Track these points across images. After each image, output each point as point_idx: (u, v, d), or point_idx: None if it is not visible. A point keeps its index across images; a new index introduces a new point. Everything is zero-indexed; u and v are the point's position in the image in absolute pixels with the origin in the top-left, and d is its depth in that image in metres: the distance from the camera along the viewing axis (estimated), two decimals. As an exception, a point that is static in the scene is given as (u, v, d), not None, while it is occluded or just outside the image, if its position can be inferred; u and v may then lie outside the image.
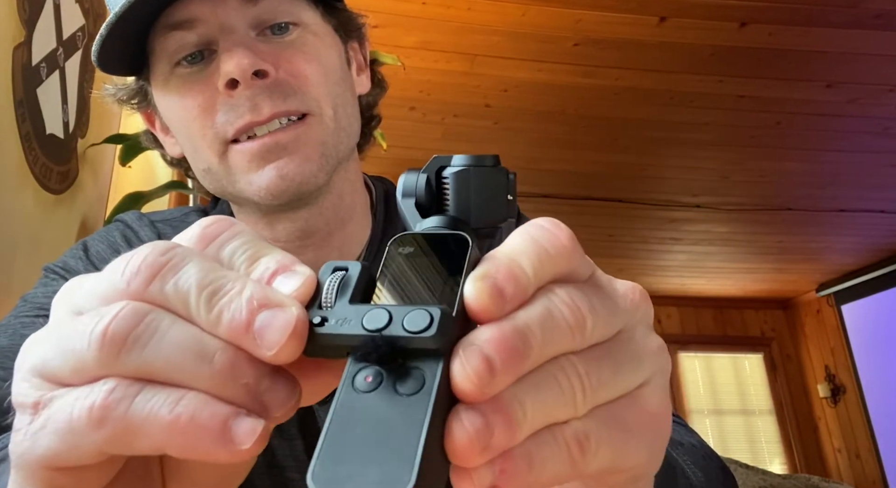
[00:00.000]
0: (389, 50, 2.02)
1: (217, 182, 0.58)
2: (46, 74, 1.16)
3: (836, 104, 2.57)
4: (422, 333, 0.20)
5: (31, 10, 1.09)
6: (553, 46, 2.26)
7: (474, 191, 0.28)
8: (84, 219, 1.36)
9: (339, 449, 0.18)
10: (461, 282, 0.22)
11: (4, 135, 1.02)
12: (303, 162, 0.55)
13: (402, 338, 0.20)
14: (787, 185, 3.26)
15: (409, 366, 0.20)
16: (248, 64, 0.52)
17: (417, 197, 0.29)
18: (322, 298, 0.22)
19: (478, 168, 0.28)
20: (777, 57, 2.30)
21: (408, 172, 0.30)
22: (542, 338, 0.20)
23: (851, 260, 4.38)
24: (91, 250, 0.62)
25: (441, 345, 0.20)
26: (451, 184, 0.28)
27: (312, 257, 0.62)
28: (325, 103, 0.57)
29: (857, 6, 2.04)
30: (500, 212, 0.28)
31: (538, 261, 0.22)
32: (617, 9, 2.08)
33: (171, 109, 0.58)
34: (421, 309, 0.20)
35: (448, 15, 2.10)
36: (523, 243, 0.22)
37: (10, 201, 1.05)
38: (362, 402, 0.19)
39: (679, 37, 2.20)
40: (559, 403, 0.21)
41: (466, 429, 0.19)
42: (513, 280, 0.21)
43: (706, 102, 2.57)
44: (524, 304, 0.21)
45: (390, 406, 0.19)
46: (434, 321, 0.20)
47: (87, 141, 1.36)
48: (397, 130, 2.66)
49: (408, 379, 0.20)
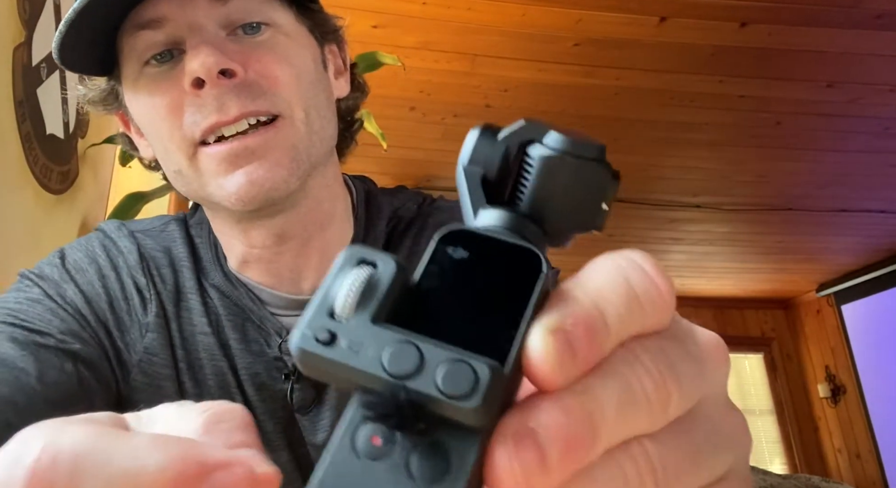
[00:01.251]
0: (389, 50, 2.02)
1: (188, 185, 0.57)
2: (46, 74, 1.16)
3: (836, 104, 2.57)
4: (461, 401, 0.15)
5: (31, 10, 1.09)
6: (553, 46, 2.26)
7: (564, 189, 0.20)
8: (84, 219, 1.36)
9: None
10: (522, 326, 0.16)
11: (4, 135, 1.02)
12: (273, 167, 0.53)
13: (433, 401, 0.15)
14: (787, 185, 3.25)
15: (433, 436, 0.15)
16: (213, 62, 0.51)
17: (487, 169, 0.21)
18: (336, 304, 0.17)
19: (578, 160, 0.20)
20: (777, 57, 2.29)
21: (483, 129, 0.22)
22: (616, 422, 0.16)
23: (851, 260, 4.38)
24: (68, 258, 0.61)
25: (483, 423, 0.15)
26: (534, 172, 0.20)
27: (291, 263, 0.61)
28: (297, 106, 0.55)
29: (857, 6, 2.04)
30: (588, 221, 0.21)
31: (627, 312, 0.17)
32: (617, 9, 2.08)
33: (141, 110, 0.57)
34: (464, 361, 0.15)
35: (448, 15, 2.10)
36: (612, 285, 0.17)
37: (10, 201, 1.05)
38: (361, 471, 0.15)
39: (679, 37, 2.20)
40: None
41: None
42: (591, 337, 0.16)
43: (706, 102, 2.57)
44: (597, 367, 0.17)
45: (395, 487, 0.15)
46: (480, 385, 0.15)
47: (87, 141, 1.36)
48: (397, 130, 2.66)
49: (429, 457, 0.15)
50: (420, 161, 3.02)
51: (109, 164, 1.53)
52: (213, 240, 0.64)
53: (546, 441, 0.15)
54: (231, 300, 0.61)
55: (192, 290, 0.61)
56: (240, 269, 0.62)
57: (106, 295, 0.59)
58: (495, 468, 0.15)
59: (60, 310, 0.56)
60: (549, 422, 0.15)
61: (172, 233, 0.64)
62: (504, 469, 0.15)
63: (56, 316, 0.56)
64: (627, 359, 0.17)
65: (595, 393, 0.16)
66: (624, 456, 0.16)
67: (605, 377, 0.16)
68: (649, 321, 0.18)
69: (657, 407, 0.17)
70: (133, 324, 0.59)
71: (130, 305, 0.59)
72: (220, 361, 0.59)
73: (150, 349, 0.58)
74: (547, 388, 0.16)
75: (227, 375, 0.59)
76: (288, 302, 0.61)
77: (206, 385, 0.59)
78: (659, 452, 0.17)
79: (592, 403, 0.16)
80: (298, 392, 0.59)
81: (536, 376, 0.16)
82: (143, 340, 0.59)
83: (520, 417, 0.16)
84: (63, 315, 0.56)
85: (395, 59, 1.46)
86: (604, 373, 0.16)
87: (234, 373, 0.59)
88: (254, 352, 0.60)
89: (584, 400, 0.16)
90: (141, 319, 0.59)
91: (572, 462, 0.15)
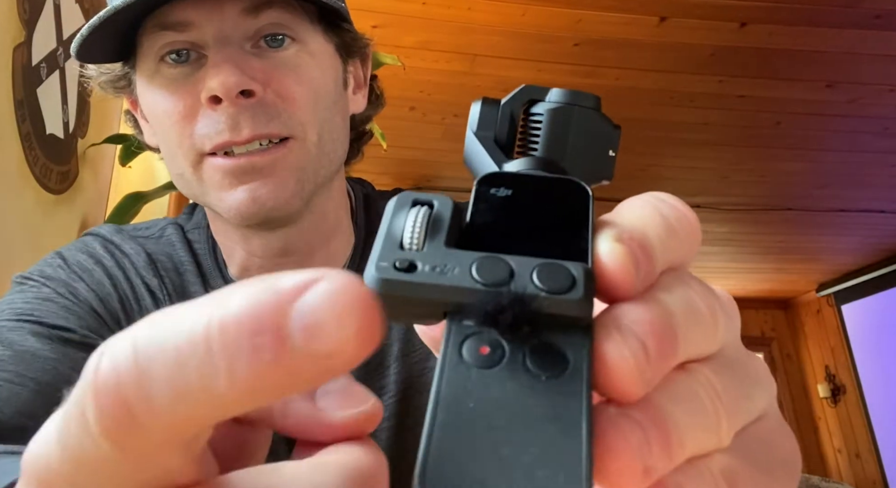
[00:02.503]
0: (389, 50, 2.02)
1: (189, 189, 0.57)
2: (46, 74, 1.16)
3: (836, 104, 2.57)
4: (564, 295, 0.15)
5: (31, 10, 1.09)
6: (553, 46, 2.26)
7: (574, 136, 0.22)
8: (84, 219, 1.36)
9: (458, 442, 0.14)
10: (589, 238, 0.17)
11: (4, 135, 1.02)
12: (277, 186, 0.53)
13: (536, 300, 0.15)
14: (787, 185, 3.25)
15: (539, 338, 0.15)
16: (234, 83, 0.50)
17: (497, 132, 0.23)
18: (405, 236, 0.16)
19: (583, 108, 0.22)
20: (777, 57, 2.29)
21: (484, 101, 0.23)
22: (686, 331, 0.16)
23: (851, 260, 4.38)
24: (70, 260, 0.59)
25: (589, 314, 0.15)
26: (545, 123, 0.22)
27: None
28: (311, 128, 0.54)
29: (857, 6, 2.04)
30: (600, 168, 0.22)
31: (667, 238, 0.18)
32: (617, 9, 2.08)
33: (153, 107, 0.56)
34: (555, 263, 0.15)
35: (448, 15, 2.10)
36: (648, 215, 0.18)
37: (10, 201, 1.05)
38: (480, 381, 0.14)
39: (679, 37, 2.20)
40: (705, 425, 0.16)
41: (629, 442, 0.15)
42: (646, 252, 0.17)
43: (706, 102, 2.57)
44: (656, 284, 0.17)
45: (523, 389, 0.14)
46: (577, 279, 0.15)
47: (87, 141, 1.37)
48: (397, 130, 2.65)
49: (543, 355, 0.15)
50: (420, 161, 3.02)
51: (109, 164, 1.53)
52: (212, 246, 0.63)
53: (643, 334, 0.15)
54: None
55: (198, 296, 0.59)
56: (241, 277, 0.61)
57: (116, 294, 0.58)
58: (609, 358, 0.15)
59: (76, 307, 0.55)
60: (640, 319, 0.16)
61: (170, 238, 0.63)
62: (617, 358, 0.15)
63: (72, 313, 0.54)
64: (682, 279, 0.18)
65: (665, 302, 0.16)
66: (691, 379, 0.17)
67: (667, 290, 0.17)
68: (683, 249, 0.18)
69: (711, 326, 0.17)
70: None
71: (142, 306, 0.58)
72: None
73: None
74: (622, 293, 0.16)
75: None
76: None
77: None
78: (718, 379, 0.17)
79: (667, 308, 0.16)
80: None
81: (613, 280, 0.16)
82: None
83: (613, 315, 0.16)
84: (80, 312, 0.55)
85: (395, 58, 1.46)
86: (665, 288, 0.17)
87: None
88: None
89: (660, 305, 0.16)
90: None
91: (666, 358, 0.16)
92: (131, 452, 0.13)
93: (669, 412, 0.16)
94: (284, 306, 0.12)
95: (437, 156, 2.97)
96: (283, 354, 0.12)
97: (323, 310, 0.12)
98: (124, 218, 1.28)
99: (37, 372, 0.47)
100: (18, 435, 0.43)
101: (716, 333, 0.18)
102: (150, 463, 0.13)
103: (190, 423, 0.13)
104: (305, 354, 0.12)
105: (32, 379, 0.47)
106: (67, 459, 0.13)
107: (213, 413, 0.13)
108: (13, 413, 0.44)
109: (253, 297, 0.12)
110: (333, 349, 0.12)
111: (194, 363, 0.12)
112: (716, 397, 0.17)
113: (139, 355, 0.13)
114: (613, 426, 0.15)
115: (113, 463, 0.13)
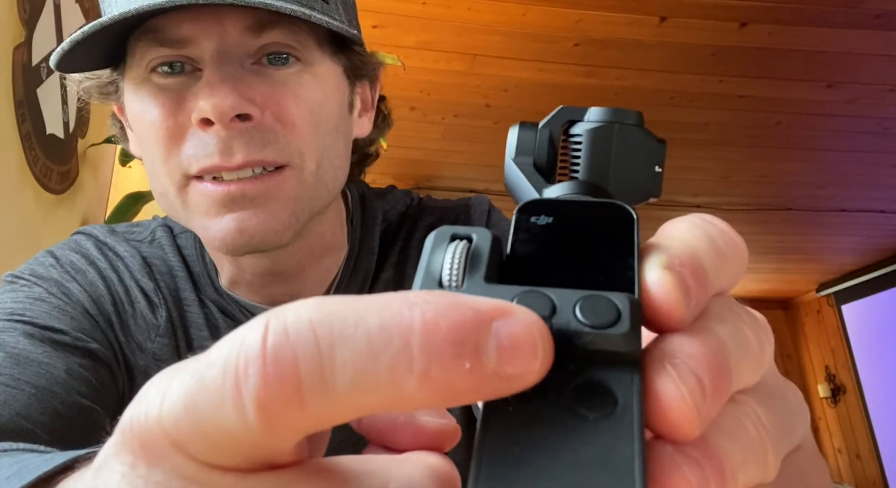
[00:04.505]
0: (389, 50, 2.02)
1: (172, 211, 0.53)
2: (46, 74, 1.16)
3: (836, 104, 2.57)
4: (610, 329, 0.14)
5: (31, 10, 1.09)
6: (553, 46, 2.26)
7: (617, 155, 0.21)
8: (84, 219, 1.36)
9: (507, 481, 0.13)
10: (635, 265, 0.16)
11: (4, 135, 1.02)
12: (268, 218, 0.49)
13: (579, 336, 0.14)
14: (787, 185, 3.25)
15: (585, 375, 0.14)
16: (228, 106, 0.46)
17: (536, 157, 0.22)
18: (444, 273, 0.16)
19: (624, 126, 0.21)
20: (777, 57, 2.29)
21: (521, 126, 0.23)
22: (737, 362, 0.16)
23: (851, 260, 4.38)
24: (62, 260, 0.57)
25: (635, 349, 0.14)
26: (585, 144, 0.21)
27: (284, 289, 0.57)
28: (309, 156, 0.50)
29: (857, 6, 2.04)
30: (647, 186, 0.21)
31: (718, 262, 0.17)
32: (617, 9, 2.07)
33: (139, 118, 0.51)
34: (598, 296, 0.15)
35: (448, 15, 2.10)
36: (697, 238, 0.17)
37: (10, 201, 1.05)
38: (523, 422, 0.14)
39: (679, 37, 2.20)
40: (754, 459, 0.16)
41: (689, 483, 0.14)
42: (698, 278, 0.16)
43: (706, 102, 2.57)
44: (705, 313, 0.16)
45: (570, 431, 0.14)
46: (623, 313, 0.14)
47: (87, 141, 1.37)
48: (397, 130, 2.65)
49: (589, 393, 0.14)
50: (420, 161, 3.02)
51: (109, 164, 1.53)
52: (202, 252, 0.60)
53: (699, 370, 0.15)
54: (227, 315, 0.59)
55: (192, 302, 0.59)
56: (230, 288, 0.59)
57: (110, 296, 0.56)
58: (664, 397, 0.14)
59: (69, 308, 0.53)
60: (694, 353, 0.15)
61: (161, 242, 0.61)
62: (674, 397, 0.14)
63: (65, 314, 0.53)
64: (730, 307, 0.17)
65: (718, 334, 0.16)
66: (739, 411, 0.16)
67: (719, 320, 0.16)
68: (731, 275, 0.18)
69: (759, 357, 0.17)
70: (139, 328, 0.56)
71: (136, 309, 0.57)
72: None
73: (158, 355, 0.56)
74: (672, 325, 0.16)
75: None
76: None
77: None
78: (762, 410, 0.17)
79: (720, 341, 0.15)
80: None
81: (662, 311, 0.15)
82: (152, 345, 0.56)
83: (664, 349, 0.15)
84: (72, 313, 0.53)
85: (395, 58, 1.46)
86: (717, 318, 0.16)
87: None
88: None
89: (714, 337, 0.15)
90: (150, 322, 0.56)
91: (721, 394, 0.15)
92: (276, 430, 0.13)
93: (722, 448, 0.15)
94: (484, 326, 0.13)
95: (437, 157, 2.97)
96: (477, 367, 0.13)
97: (521, 338, 0.13)
98: (124, 218, 1.28)
99: (32, 376, 0.47)
100: (16, 437, 0.43)
101: (763, 364, 0.17)
102: (277, 441, 0.13)
103: (353, 411, 0.13)
104: (494, 372, 0.13)
105: (28, 383, 0.46)
106: (194, 424, 0.13)
107: (382, 404, 0.13)
108: (11, 415, 0.44)
109: (454, 309, 0.13)
110: (518, 373, 0.13)
111: (388, 354, 0.12)
112: (762, 429, 0.16)
113: (320, 333, 0.12)
114: (671, 465, 0.14)
115: (248, 435, 0.13)
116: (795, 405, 0.19)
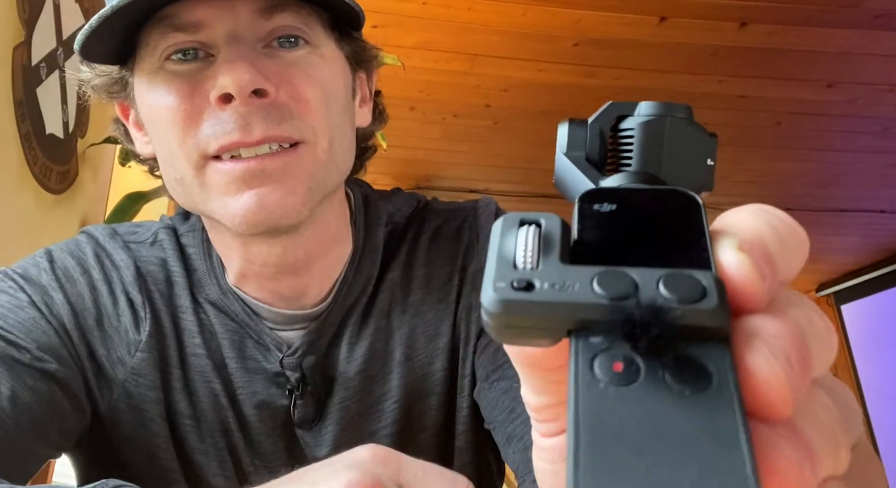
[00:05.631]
0: (389, 50, 2.01)
1: (188, 196, 0.54)
2: (46, 74, 1.16)
3: (836, 104, 2.57)
4: (699, 304, 0.14)
5: (31, 10, 1.09)
6: (553, 46, 2.25)
7: (669, 148, 0.21)
8: (84, 219, 1.36)
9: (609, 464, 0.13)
10: (707, 250, 0.16)
11: (4, 135, 1.02)
12: (286, 193, 0.50)
13: (668, 311, 0.14)
14: (787, 185, 3.25)
15: (676, 351, 0.14)
16: (248, 80, 0.48)
17: (588, 151, 0.22)
18: (518, 255, 0.16)
19: (675, 119, 0.21)
20: (777, 57, 2.29)
21: (571, 122, 0.23)
22: (813, 347, 0.16)
23: (851, 260, 4.38)
24: (58, 263, 0.58)
25: (725, 324, 0.14)
26: (637, 137, 0.22)
27: (292, 282, 0.58)
28: (322, 133, 0.53)
29: (857, 6, 2.04)
30: (700, 179, 0.22)
31: (782, 250, 0.17)
32: (617, 9, 2.07)
33: (153, 108, 0.53)
34: (680, 271, 0.15)
35: (448, 15, 2.10)
36: (762, 226, 0.17)
37: (10, 201, 1.05)
38: (619, 399, 0.14)
39: (679, 37, 2.20)
40: (829, 448, 0.15)
41: (792, 463, 0.14)
42: (770, 263, 0.16)
43: (706, 102, 2.57)
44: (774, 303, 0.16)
45: (668, 406, 0.13)
46: (709, 288, 0.14)
47: (87, 141, 1.37)
48: (397, 130, 2.65)
49: (683, 369, 0.14)
50: (420, 161, 3.02)
51: (109, 164, 1.53)
52: (208, 249, 0.61)
53: (787, 349, 0.15)
54: (227, 315, 0.59)
55: (185, 309, 0.59)
56: (237, 283, 0.60)
57: (95, 309, 0.57)
58: (759, 372, 0.14)
59: (43, 321, 0.54)
60: (779, 333, 0.15)
61: (163, 244, 0.61)
62: (768, 373, 0.14)
63: (38, 327, 0.53)
64: (797, 295, 0.17)
65: (793, 315, 0.16)
66: (814, 401, 0.16)
67: (790, 305, 0.16)
68: (795, 264, 0.17)
69: (829, 346, 0.17)
70: (121, 341, 0.57)
71: (121, 322, 0.57)
72: (213, 382, 0.58)
73: (137, 369, 0.56)
74: (752, 305, 0.15)
75: (219, 396, 0.57)
76: (287, 317, 0.59)
77: (199, 407, 0.57)
78: (832, 402, 0.17)
79: (799, 323, 0.15)
80: (301, 407, 0.58)
81: (742, 290, 0.15)
82: (131, 359, 0.56)
83: (751, 327, 0.15)
84: (45, 327, 0.54)
85: (395, 58, 1.46)
86: (787, 302, 0.16)
87: (227, 394, 0.58)
88: (252, 370, 0.58)
89: (793, 319, 0.15)
90: (132, 337, 0.57)
91: (805, 374, 0.15)
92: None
93: (809, 433, 0.15)
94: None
95: (437, 157, 2.97)
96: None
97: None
98: (124, 218, 1.28)
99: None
100: None
101: (832, 354, 0.17)
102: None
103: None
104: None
105: None
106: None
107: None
108: None
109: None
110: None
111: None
112: (834, 420, 0.16)
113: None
114: (769, 443, 0.14)
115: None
116: (852, 402, 0.19)
